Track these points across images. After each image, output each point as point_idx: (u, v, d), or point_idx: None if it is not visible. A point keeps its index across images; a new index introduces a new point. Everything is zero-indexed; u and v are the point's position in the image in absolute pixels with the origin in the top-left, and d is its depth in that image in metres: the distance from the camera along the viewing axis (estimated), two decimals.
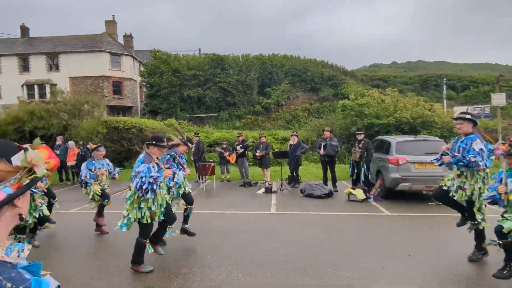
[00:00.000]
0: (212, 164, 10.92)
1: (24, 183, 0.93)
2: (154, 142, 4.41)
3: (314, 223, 6.51)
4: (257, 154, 11.20)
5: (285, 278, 4.06)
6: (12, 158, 0.92)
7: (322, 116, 25.54)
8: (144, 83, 32.89)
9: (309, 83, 33.96)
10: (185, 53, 35.34)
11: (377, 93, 16.36)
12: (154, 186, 4.11)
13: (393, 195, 8.33)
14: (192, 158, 11.76)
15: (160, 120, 21.19)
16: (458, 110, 28.32)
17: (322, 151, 9.77)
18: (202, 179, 10.91)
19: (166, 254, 4.93)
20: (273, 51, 48.46)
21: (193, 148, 10.74)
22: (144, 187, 4.05)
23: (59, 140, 12.93)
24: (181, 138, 5.32)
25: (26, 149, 0.95)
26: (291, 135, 11.05)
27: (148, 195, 4.13)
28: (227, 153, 12.25)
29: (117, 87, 32.14)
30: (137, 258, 4.34)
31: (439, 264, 4.40)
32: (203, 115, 30.40)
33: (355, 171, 9.06)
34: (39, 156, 0.96)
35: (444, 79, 38.54)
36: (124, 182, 8.85)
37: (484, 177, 4.28)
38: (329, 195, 8.95)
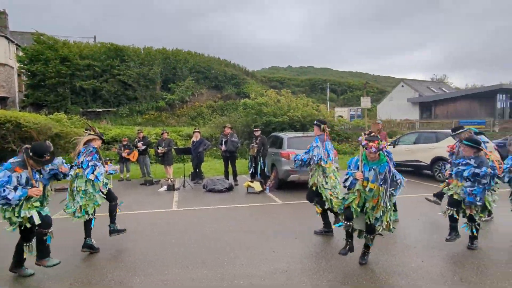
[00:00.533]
0: (108, 163, 10.23)
1: None
2: (31, 155, 3.80)
3: (214, 216, 6.81)
4: (159, 151, 10.97)
5: (183, 273, 4.16)
6: None
7: (225, 114, 26.19)
8: (23, 71, 28.29)
9: (213, 80, 34.34)
10: (77, 39, 31.83)
11: (274, 94, 17.79)
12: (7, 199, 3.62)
13: (285, 185, 9.26)
14: None
15: (46, 114, 18.65)
16: (338, 111, 32.75)
17: (223, 147, 10.17)
18: None
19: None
20: (177, 46, 47.23)
21: None
22: None
23: None
24: (93, 132, 5.05)
25: None
26: (194, 132, 11.19)
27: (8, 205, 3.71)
28: (125, 153, 11.63)
29: None
30: (42, 251, 3.98)
31: (318, 242, 5.21)
32: (100, 110, 27.90)
33: (253, 165, 9.74)
34: None
35: (328, 84, 44.93)
36: None
37: (323, 171, 5.29)
38: (229, 189, 9.40)
